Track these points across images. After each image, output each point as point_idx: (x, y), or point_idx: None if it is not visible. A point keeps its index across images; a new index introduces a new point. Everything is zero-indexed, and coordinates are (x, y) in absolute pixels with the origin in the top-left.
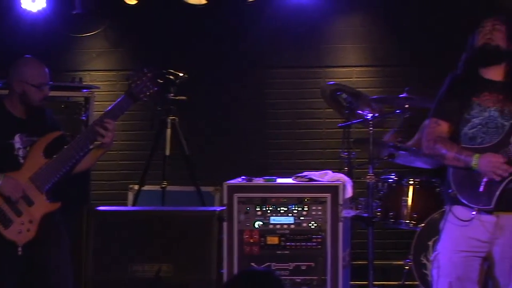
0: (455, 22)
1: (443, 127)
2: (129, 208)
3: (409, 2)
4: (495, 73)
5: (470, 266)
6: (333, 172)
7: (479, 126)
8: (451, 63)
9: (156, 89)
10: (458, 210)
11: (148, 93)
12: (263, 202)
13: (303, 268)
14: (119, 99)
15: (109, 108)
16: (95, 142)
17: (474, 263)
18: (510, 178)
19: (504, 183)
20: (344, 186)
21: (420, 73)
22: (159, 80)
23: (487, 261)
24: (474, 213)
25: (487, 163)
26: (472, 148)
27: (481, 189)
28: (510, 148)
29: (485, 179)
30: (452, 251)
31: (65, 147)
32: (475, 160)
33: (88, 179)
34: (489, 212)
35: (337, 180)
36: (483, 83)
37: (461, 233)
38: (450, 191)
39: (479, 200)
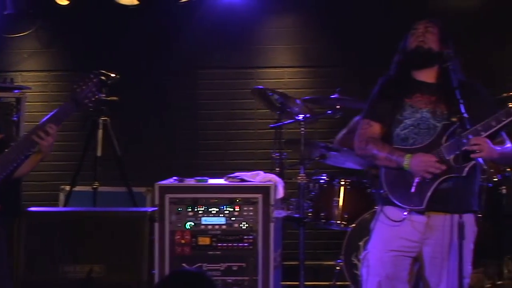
0: (387, 24)
1: (375, 128)
2: (60, 209)
3: (340, 3)
4: (427, 75)
5: (400, 265)
6: (265, 172)
7: (411, 127)
8: (382, 64)
9: (101, 95)
10: (389, 210)
11: (93, 99)
12: (195, 202)
13: (235, 268)
14: (62, 104)
15: (53, 112)
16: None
17: (404, 263)
18: (442, 178)
19: (436, 183)
20: (276, 186)
21: (352, 74)
22: (103, 86)
23: (418, 262)
24: (405, 213)
25: (418, 163)
26: (404, 149)
27: (412, 189)
28: (441, 149)
29: (416, 180)
30: (382, 251)
31: (6, 150)
32: (406, 160)
33: (20, 180)
34: (421, 212)
35: (269, 181)
36: (416, 85)
37: (392, 233)
38: (381, 191)
39: (410, 200)
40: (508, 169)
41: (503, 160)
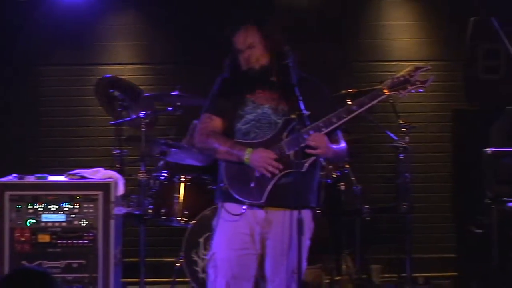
0: (227, 20)
1: (216, 122)
2: None
3: (179, 1)
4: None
5: (246, 264)
6: (105, 169)
7: (253, 122)
8: (222, 62)
9: None
10: (229, 205)
11: None
12: (35, 200)
13: (75, 266)
14: None
15: None
16: None
17: (250, 261)
18: (281, 173)
19: (275, 178)
20: (116, 183)
21: (192, 71)
22: None
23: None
24: (245, 207)
25: (258, 158)
26: (245, 143)
27: (252, 184)
28: (282, 144)
29: (257, 174)
30: (228, 250)
31: None
32: (247, 155)
33: None
34: (260, 207)
35: (109, 178)
36: (257, 82)
37: (234, 230)
38: (222, 185)
39: (250, 195)
40: (347, 166)
41: (335, 159)
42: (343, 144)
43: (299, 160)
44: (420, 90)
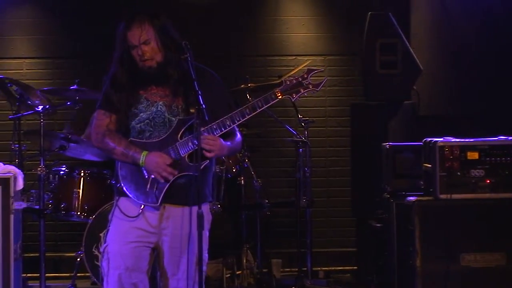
0: (123, 15)
1: (111, 119)
2: None
3: None
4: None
5: (139, 256)
6: (4, 164)
7: (147, 121)
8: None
9: None
10: (125, 204)
11: None
12: None
13: None
14: None
15: None
16: None
17: (144, 254)
18: (176, 176)
19: (171, 181)
20: (15, 178)
21: (90, 65)
22: None
23: (156, 251)
24: (141, 208)
25: (154, 163)
26: (140, 143)
27: (148, 187)
28: (176, 145)
29: (152, 177)
30: (121, 243)
31: None
32: (142, 158)
33: None
34: (156, 208)
35: (8, 172)
36: (150, 77)
37: (129, 225)
38: (118, 185)
39: (146, 196)
40: (247, 160)
41: (231, 154)
42: (238, 137)
43: (193, 163)
44: (312, 92)
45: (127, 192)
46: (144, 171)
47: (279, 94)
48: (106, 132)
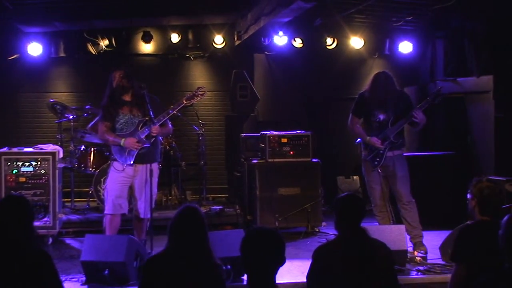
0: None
1: (108, 124)
2: None
3: None
4: (127, 97)
5: (123, 190)
6: (53, 144)
7: (124, 123)
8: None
9: None
10: (116, 164)
11: None
12: None
13: None
14: None
15: None
16: None
17: (125, 189)
18: (140, 147)
19: (137, 151)
20: (58, 152)
21: (95, 95)
22: None
23: (131, 187)
24: (125, 165)
25: (129, 142)
26: (121, 134)
27: (126, 155)
28: (139, 133)
29: (128, 150)
30: (113, 183)
31: None
32: (122, 141)
33: None
34: (131, 165)
35: (55, 149)
36: (123, 102)
37: (118, 175)
38: (112, 156)
39: (125, 159)
40: (174, 141)
41: (165, 135)
42: (169, 126)
43: (148, 140)
44: (199, 99)
45: (117, 158)
46: (125, 147)
47: (185, 101)
48: (105, 131)
